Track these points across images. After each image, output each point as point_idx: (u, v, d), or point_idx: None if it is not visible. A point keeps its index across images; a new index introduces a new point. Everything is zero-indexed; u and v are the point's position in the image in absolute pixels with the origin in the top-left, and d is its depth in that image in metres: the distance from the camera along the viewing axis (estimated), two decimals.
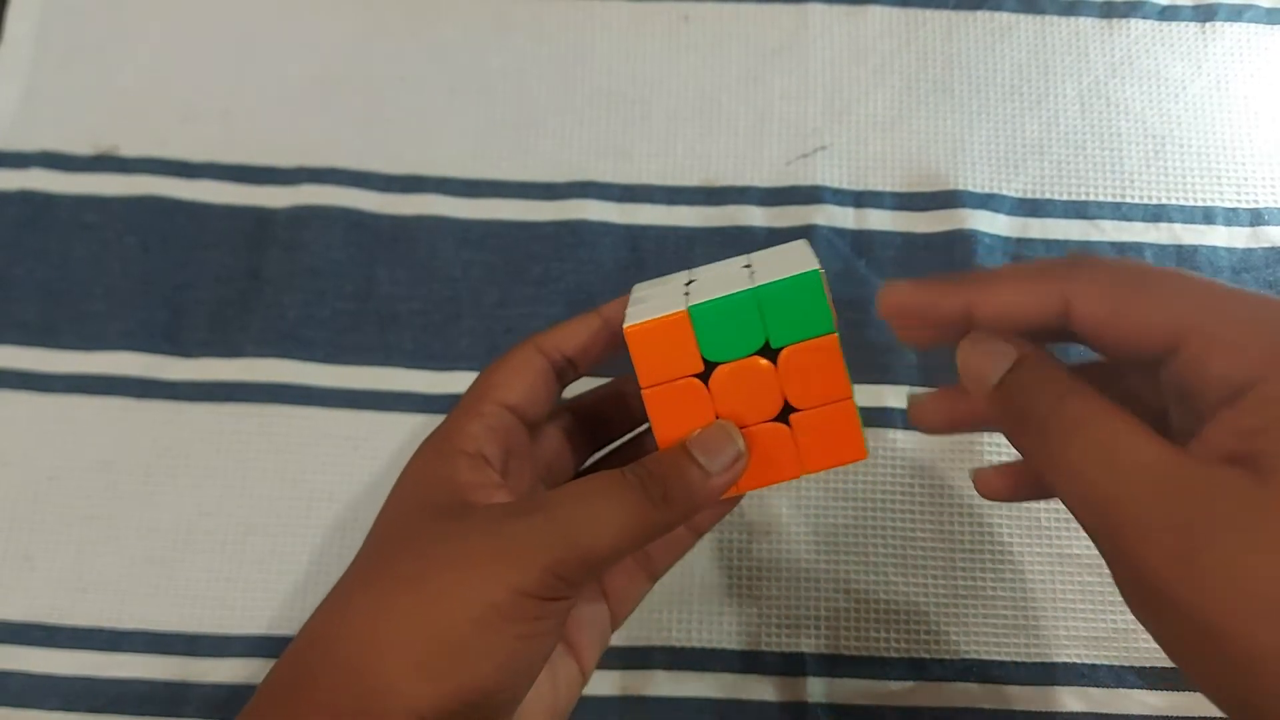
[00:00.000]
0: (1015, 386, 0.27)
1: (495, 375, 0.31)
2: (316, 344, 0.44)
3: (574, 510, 0.27)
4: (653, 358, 0.29)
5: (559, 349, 0.32)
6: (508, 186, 0.47)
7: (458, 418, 0.31)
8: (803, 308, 0.28)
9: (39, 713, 0.39)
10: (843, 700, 0.39)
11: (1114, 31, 0.49)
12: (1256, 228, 0.46)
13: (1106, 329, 0.26)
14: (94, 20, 0.50)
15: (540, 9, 0.50)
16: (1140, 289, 0.25)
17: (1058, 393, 0.25)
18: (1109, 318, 0.25)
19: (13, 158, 0.47)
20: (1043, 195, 0.47)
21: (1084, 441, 0.24)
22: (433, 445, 0.31)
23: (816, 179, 0.47)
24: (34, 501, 0.42)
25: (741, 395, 0.29)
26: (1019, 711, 0.39)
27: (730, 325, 0.28)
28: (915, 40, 0.49)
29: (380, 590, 0.27)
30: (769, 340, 0.29)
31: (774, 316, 0.28)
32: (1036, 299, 0.27)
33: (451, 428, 0.31)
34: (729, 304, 0.28)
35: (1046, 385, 0.26)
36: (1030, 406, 0.26)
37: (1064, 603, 0.40)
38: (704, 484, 0.28)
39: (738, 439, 0.29)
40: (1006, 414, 0.27)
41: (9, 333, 0.45)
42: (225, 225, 0.46)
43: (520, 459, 0.32)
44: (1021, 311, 0.27)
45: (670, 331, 0.29)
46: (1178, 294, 0.25)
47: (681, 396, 0.29)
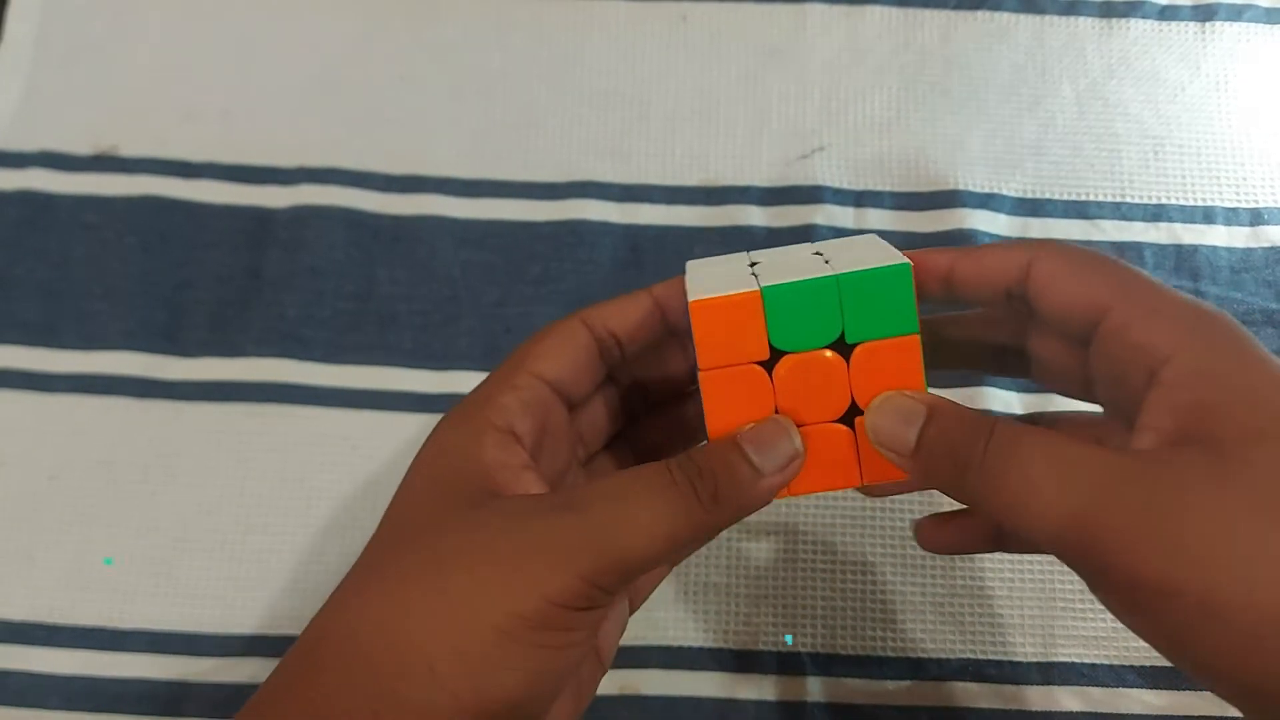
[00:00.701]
0: (937, 439, 0.26)
1: (536, 346, 0.29)
2: (316, 344, 0.44)
3: (614, 511, 0.25)
4: (716, 337, 0.26)
5: (606, 325, 0.29)
6: (507, 186, 0.47)
7: (490, 387, 0.28)
8: (888, 302, 0.26)
9: (40, 712, 0.39)
10: (840, 699, 0.39)
11: (1113, 31, 0.49)
12: (1256, 227, 0.46)
13: (1052, 291, 0.27)
14: (94, 20, 0.50)
15: (540, 9, 0.50)
16: (1086, 263, 0.27)
17: (983, 431, 0.25)
18: (1056, 280, 0.27)
19: (13, 157, 0.47)
20: (1042, 195, 0.47)
21: (1030, 470, 0.24)
22: (460, 415, 0.28)
23: (816, 179, 0.47)
24: (34, 501, 0.42)
25: (806, 390, 0.27)
26: (1017, 711, 0.39)
27: (806, 312, 0.26)
28: (914, 40, 0.49)
29: (397, 585, 0.25)
30: (844, 333, 0.27)
31: (854, 308, 0.26)
32: (1009, 260, 0.28)
33: (482, 397, 0.28)
34: (808, 289, 0.26)
35: (968, 427, 0.25)
36: (960, 454, 0.25)
37: (1063, 602, 0.40)
38: (754, 484, 0.26)
39: (795, 437, 0.27)
40: (936, 470, 0.26)
41: (9, 332, 0.45)
42: (225, 225, 0.46)
43: (555, 439, 0.29)
44: (994, 270, 0.28)
45: (739, 310, 0.26)
46: (1112, 273, 0.27)
47: (741, 384, 0.27)
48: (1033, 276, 0.27)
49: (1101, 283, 0.27)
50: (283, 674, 0.26)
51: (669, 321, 0.30)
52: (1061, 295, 0.27)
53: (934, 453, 0.26)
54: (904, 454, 0.26)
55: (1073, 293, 0.27)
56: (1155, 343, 0.25)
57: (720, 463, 0.26)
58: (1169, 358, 0.25)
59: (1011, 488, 0.24)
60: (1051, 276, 0.27)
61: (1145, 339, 0.25)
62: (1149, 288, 0.26)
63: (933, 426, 0.26)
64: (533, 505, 0.25)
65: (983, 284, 0.28)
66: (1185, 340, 0.25)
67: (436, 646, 0.24)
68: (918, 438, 0.26)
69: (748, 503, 0.26)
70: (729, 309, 0.26)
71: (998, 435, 0.25)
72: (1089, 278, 0.27)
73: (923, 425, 0.26)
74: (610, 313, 0.29)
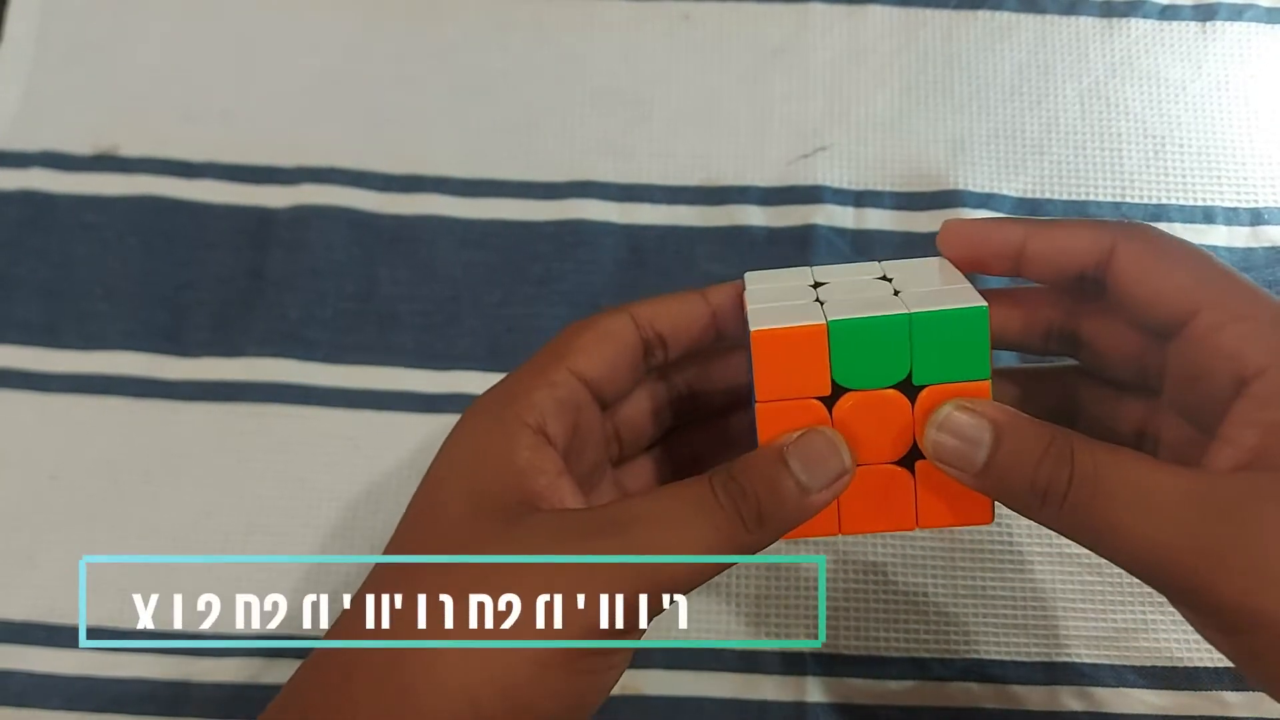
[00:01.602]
0: (1010, 464, 0.24)
1: (577, 339, 0.27)
2: (317, 344, 0.44)
3: (656, 535, 0.24)
4: (777, 369, 0.25)
5: (655, 326, 0.28)
6: (508, 186, 0.47)
7: (524, 380, 0.27)
8: (960, 347, 0.25)
9: (40, 712, 0.39)
10: (843, 699, 0.39)
11: (1114, 31, 0.49)
12: (1257, 227, 0.46)
13: (1139, 283, 0.26)
14: (94, 20, 0.50)
15: (540, 9, 0.50)
16: (1175, 254, 0.26)
17: (1063, 459, 0.24)
18: (1145, 272, 0.26)
19: (13, 157, 0.47)
20: (1043, 195, 0.47)
21: (1118, 506, 0.23)
22: (491, 410, 0.27)
23: (817, 179, 0.47)
24: (36, 501, 0.42)
25: (867, 429, 0.26)
26: (1020, 711, 0.39)
27: (873, 350, 0.25)
28: (916, 40, 0.49)
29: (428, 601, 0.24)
30: (911, 374, 0.26)
31: (925, 349, 0.25)
32: (1089, 241, 0.27)
33: (515, 391, 0.26)
34: (878, 326, 0.25)
35: (1045, 453, 0.24)
36: (1040, 484, 0.24)
37: (1065, 602, 0.40)
38: (800, 501, 0.25)
39: (844, 452, 0.25)
40: (1008, 494, 0.25)
41: (10, 332, 0.45)
42: (226, 225, 0.46)
43: (586, 439, 0.28)
44: (1072, 251, 0.27)
45: (803, 343, 0.25)
46: (1204, 268, 0.26)
47: (799, 419, 0.26)
48: (1117, 263, 0.26)
49: (1192, 279, 0.25)
50: (307, 696, 0.25)
51: (720, 330, 0.29)
52: (1148, 288, 0.26)
53: (1008, 478, 0.25)
54: (970, 473, 0.25)
55: (1160, 287, 0.26)
56: (1248, 352, 0.24)
57: (764, 483, 0.25)
58: (1263, 370, 0.24)
59: (1098, 525, 0.24)
60: (1138, 266, 0.26)
61: (1237, 347, 0.24)
62: (1243, 289, 0.25)
63: (1003, 449, 0.25)
64: (572, 525, 0.24)
65: (1057, 264, 0.27)
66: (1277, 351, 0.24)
67: (479, 681, 0.23)
68: (987, 459, 0.25)
69: (792, 521, 0.25)
70: (793, 341, 0.25)
71: (1080, 467, 0.24)
72: (1178, 272, 0.26)
73: (992, 446, 0.25)
74: (661, 312, 0.28)
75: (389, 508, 0.42)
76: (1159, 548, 0.23)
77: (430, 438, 0.43)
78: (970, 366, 0.25)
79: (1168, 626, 0.40)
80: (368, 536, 0.41)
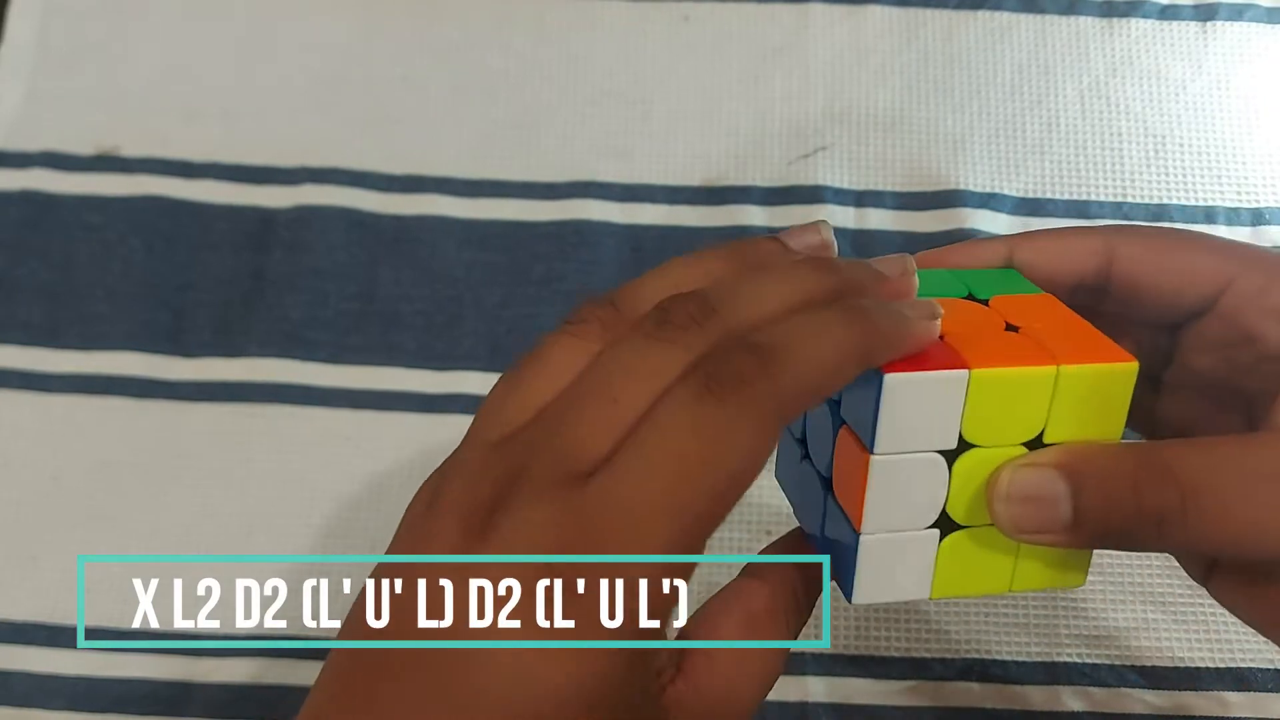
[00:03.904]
0: (1103, 504, 0.22)
1: (706, 494, 0.20)
2: (319, 344, 0.44)
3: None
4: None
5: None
6: (509, 186, 0.47)
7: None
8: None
9: (42, 712, 0.39)
10: (843, 699, 0.39)
11: (1114, 31, 0.49)
12: (1258, 227, 0.46)
13: (1150, 276, 0.25)
14: (95, 20, 0.50)
15: (542, 9, 0.50)
16: (1183, 240, 0.25)
17: (1162, 475, 0.22)
18: (1154, 265, 0.25)
19: (15, 158, 0.47)
20: (1043, 194, 0.47)
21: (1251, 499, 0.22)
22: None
23: (817, 179, 0.47)
24: (37, 501, 0.42)
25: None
26: (1020, 711, 0.39)
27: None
28: (916, 40, 0.49)
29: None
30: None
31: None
32: (1082, 246, 0.26)
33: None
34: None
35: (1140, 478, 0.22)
36: (1149, 510, 0.22)
37: (1065, 602, 0.40)
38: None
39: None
40: (1113, 535, 0.23)
41: (12, 333, 0.45)
42: (227, 225, 0.46)
43: None
44: (1065, 259, 0.26)
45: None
46: (1220, 245, 0.25)
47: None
48: (1121, 263, 0.25)
49: (1211, 256, 0.25)
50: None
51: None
52: (1170, 278, 0.25)
53: (1108, 520, 0.22)
54: (1061, 532, 0.23)
55: (1183, 271, 0.25)
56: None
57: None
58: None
59: (1233, 527, 0.22)
60: (1148, 260, 0.25)
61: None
62: (1263, 253, 0.25)
63: (1088, 493, 0.22)
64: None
65: (1048, 275, 0.26)
66: None
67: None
68: (1073, 511, 0.22)
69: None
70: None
71: (1185, 476, 0.22)
72: (1195, 253, 0.25)
73: (1073, 495, 0.22)
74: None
75: (390, 508, 0.41)
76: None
77: (431, 438, 0.43)
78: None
79: (1168, 626, 0.40)
80: (368, 536, 0.41)
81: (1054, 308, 0.25)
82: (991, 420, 0.23)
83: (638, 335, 0.22)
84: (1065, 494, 0.22)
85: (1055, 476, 0.22)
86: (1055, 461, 0.23)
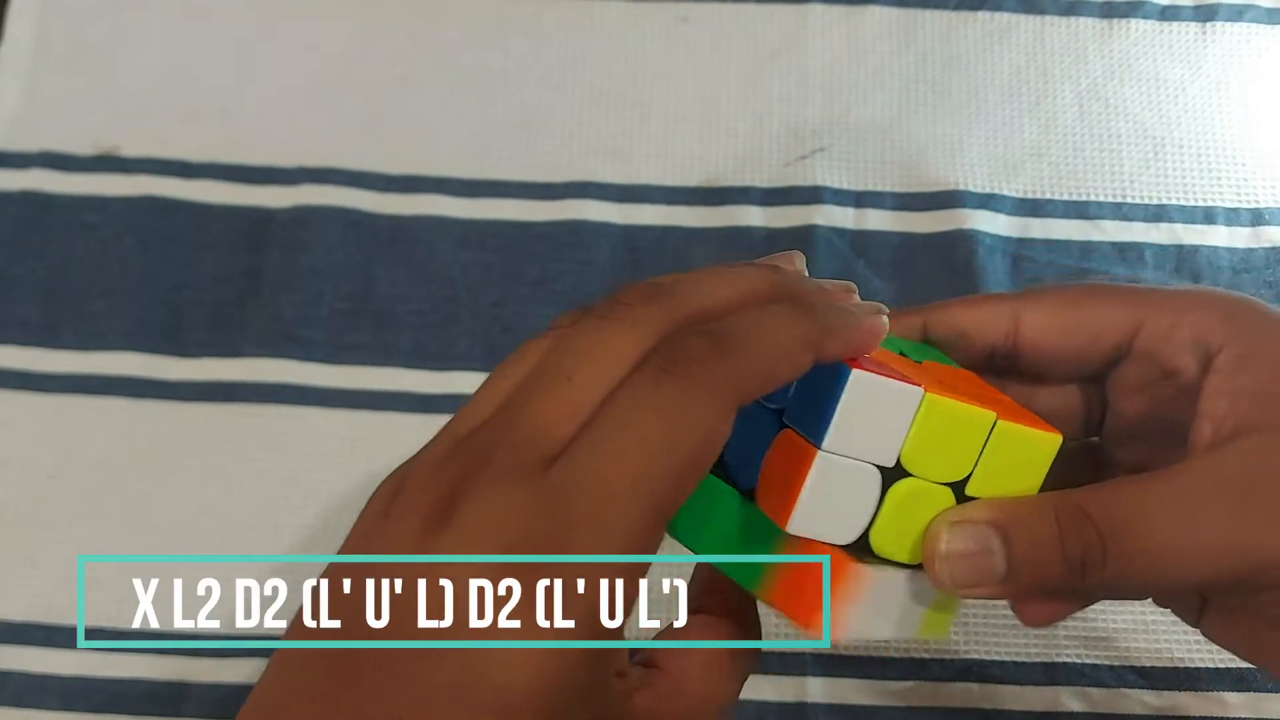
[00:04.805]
0: (1033, 554, 0.23)
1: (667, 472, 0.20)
2: (315, 344, 0.44)
3: None
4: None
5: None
6: (507, 186, 0.47)
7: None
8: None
9: (39, 712, 0.39)
10: (842, 700, 0.39)
11: (1113, 32, 0.49)
12: (1257, 228, 0.46)
13: (1056, 339, 0.26)
14: (94, 20, 0.50)
15: (540, 9, 0.50)
16: (1091, 295, 0.27)
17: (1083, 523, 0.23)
18: (1059, 328, 0.26)
19: (13, 158, 0.47)
20: (1043, 195, 0.47)
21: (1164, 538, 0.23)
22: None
23: (816, 179, 0.47)
24: (34, 501, 0.42)
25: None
26: (1019, 711, 0.39)
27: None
28: (914, 41, 0.49)
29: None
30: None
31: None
32: (989, 312, 0.27)
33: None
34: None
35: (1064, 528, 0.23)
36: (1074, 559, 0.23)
37: None
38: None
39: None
40: (1044, 584, 0.24)
41: (9, 332, 0.45)
42: (225, 225, 0.46)
43: None
44: (974, 323, 0.27)
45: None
46: (1128, 292, 0.26)
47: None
48: (1028, 327, 0.27)
49: (1117, 304, 0.26)
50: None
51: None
52: (1076, 339, 0.26)
53: (1039, 569, 0.23)
54: (996, 583, 0.24)
55: (1092, 329, 0.26)
56: (1208, 335, 0.25)
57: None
58: (1222, 346, 0.25)
59: (1151, 563, 0.23)
60: (1055, 326, 0.26)
61: (1195, 334, 0.25)
62: (1174, 290, 0.26)
63: (1018, 543, 0.23)
64: None
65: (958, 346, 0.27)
66: (1234, 328, 0.25)
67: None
68: (1007, 562, 0.23)
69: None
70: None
71: (1100, 520, 0.23)
72: (1100, 307, 0.26)
73: (1005, 547, 0.23)
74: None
75: None
76: (1218, 544, 0.23)
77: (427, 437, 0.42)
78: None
79: (1167, 627, 0.39)
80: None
81: (980, 381, 0.26)
82: (930, 449, 0.23)
83: (590, 318, 0.22)
84: (999, 547, 0.23)
85: (988, 531, 0.23)
86: (985, 517, 0.23)
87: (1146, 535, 0.23)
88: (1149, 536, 0.23)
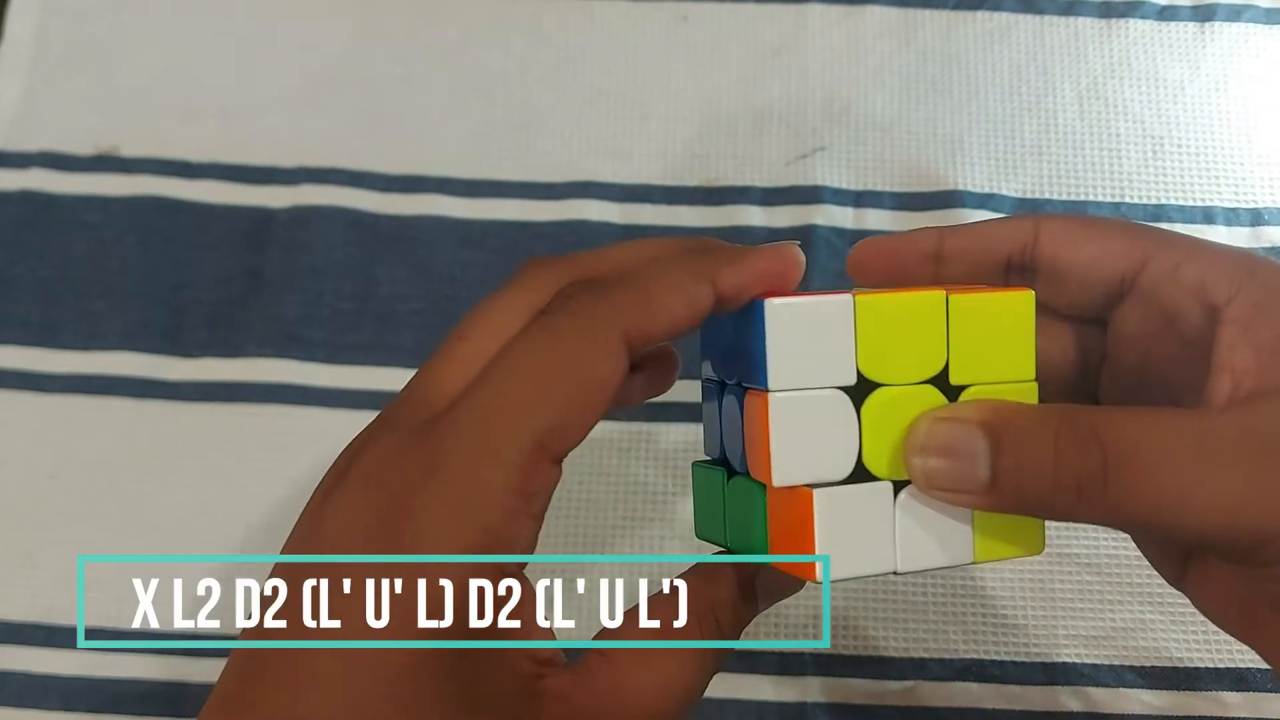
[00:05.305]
0: (1021, 465, 0.21)
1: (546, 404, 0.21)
2: (316, 344, 0.44)
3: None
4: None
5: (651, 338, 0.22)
6: (507, 186, 0.47)
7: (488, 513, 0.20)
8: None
9: (39, 712, 0.39)
10: (841, 699, 0.39)
11: (1113, 32, 0.50)
12: (1256, 228, 0.46)
13: (1071, 251, 0.25)
14: (94, 20, 0.50)
15: (540, 9, 0.50)
16: (1103, 223, 0.26)
17: (1087, 443, 0.21)
18: (1074, 242, 0.25)
19: (13, 158, 0.47)
20: (1042, 195, 0.47)
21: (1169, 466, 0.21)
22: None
23: (816, 179, 0.47)
24: (34, 501, 0.42)
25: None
26: (1019, 711, 0.39)
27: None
28: (914, 40, 0.49)
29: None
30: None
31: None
32: (1008, 228, 0.26)
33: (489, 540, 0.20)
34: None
35: (1054, 437, 0.21)
36: (1067, 479, 0.21)
37: (1063, 602, 0.40)
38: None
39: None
40: (1031, 501, 0.22)
41: (9, 332, 0.45)
42: (225, 225, 0.46)
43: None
44: (993, 240, 0.26)
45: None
46: (1136, 228, 0.25)
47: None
48: (1045, 241, 0.25)
49: (1129, 236, 0.25)
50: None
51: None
52: (1086, 253, 0.25)
53: (1026, 483, 0.21)
54: (978, 493, 0.22)
55: (1101, 249, 0.25)
56: (1213, 281, 0.23)
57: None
58: (1232, 297, 0.23)
59: (1156, 500, 0.21)
60: (1068, 238, 0.25)
61: (1201, 278, 0.23)
62: (1182, 236, 0.25)
63: (1007, 452, 0.21)
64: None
65: (977, 256, 0.26)
66: (1245, 276, 0.23)
67: None
68: (991, 471, 0.21)
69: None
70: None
71: (1110, 442, 0.21)
72: (1113, 234, 0.25)
73: (991, 454, 0.21)
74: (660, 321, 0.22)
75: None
76: (1235, 501, 0.21)
77: None
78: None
79: (1166, 626, 0.39)
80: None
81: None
82: (887, 352, 0.22)
83: (494, 292, 0.23)
84: (984, 451, 0.21)
85: (975, 432, 0.22)
86: (976, 417, 0.22)
87: (1159, 473, 0.21)
88: (1161, 475, 0.21)
